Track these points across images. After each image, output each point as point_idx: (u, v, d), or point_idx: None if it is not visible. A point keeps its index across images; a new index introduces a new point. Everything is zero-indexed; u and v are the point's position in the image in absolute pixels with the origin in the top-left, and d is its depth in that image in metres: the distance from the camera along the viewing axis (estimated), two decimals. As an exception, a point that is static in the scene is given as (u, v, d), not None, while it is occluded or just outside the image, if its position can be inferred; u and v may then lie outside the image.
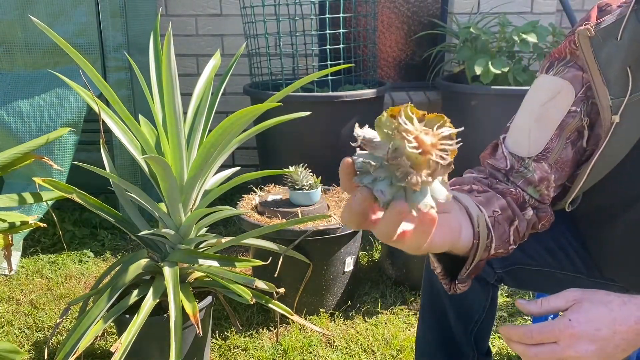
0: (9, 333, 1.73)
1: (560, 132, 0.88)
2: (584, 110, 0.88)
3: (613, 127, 0.84)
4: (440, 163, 0.48)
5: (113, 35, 2.28)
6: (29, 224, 1.22)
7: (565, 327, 0.70)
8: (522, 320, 1.82)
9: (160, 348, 1.39)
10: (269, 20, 2.35)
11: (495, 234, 0.80)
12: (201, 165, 1.34)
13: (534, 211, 0.91)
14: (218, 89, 1.50)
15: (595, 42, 0.85)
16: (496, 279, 1.10)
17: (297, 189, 1.79)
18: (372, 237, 2.32)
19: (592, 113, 0.89)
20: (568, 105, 0.88)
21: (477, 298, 1.13)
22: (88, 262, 2.19)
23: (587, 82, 0.87)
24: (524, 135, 0.91)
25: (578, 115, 0.88)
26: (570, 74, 0.89)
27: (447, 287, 0.81)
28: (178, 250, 1.43)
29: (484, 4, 2.82)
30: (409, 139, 0.47)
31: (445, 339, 1.19)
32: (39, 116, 2.15)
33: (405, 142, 0.47)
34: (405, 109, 0.49)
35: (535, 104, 0.91)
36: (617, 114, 0.83)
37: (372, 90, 2.35)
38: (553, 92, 0.89)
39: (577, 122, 0.88)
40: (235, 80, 2.86)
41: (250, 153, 3.03)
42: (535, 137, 0.90)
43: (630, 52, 0.82)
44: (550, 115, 0.89)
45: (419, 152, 0.47)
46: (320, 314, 1.83)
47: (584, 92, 0.88)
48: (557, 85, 0.89)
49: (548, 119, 0.89)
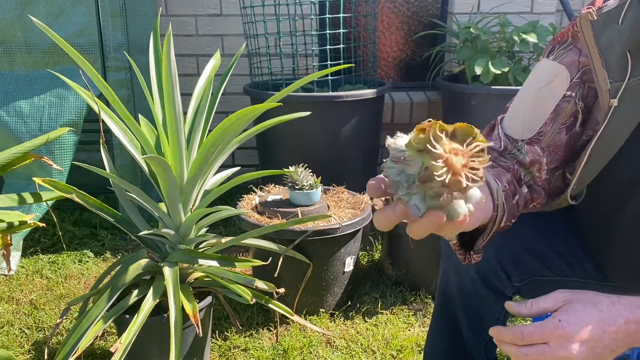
0: (9, 333, 1.73)
1: (555, 117, 0.90)
2: (579, 94, 0.89)
3: (611, 110, 0.85)
4: (470, 182, 0.49)
5: (113, 35, 2.28)
6: (28, 223, 1.22)
7: (555, 327, 0.70)
8: (521, 320, 1.82)
9: (160, 348, 1.39)
10: (269, 20, 2.35)
11: (507, 206, 0.82)
12: (201, 165, 1.34)
13: (528, 189, 0.92)
14: (218, 89, 1.50)
15: (596, 26, 0.85)
16: (513, 292, 1.10)
17: (297, 189, 1.79)
18: (372, 237, 2.32)
19: (588, 97, 0.90)
20: (563, 90, 0.89)
21: (490, 310, 1.13)
22: (88, 262, 2.19)
23: (583, 66, 0.88)
24: (520, 118, 0.92)
25: (573, 100, 0.89)
26: (568, 59, 0.90)
27: (462, 257, 0.84)
28: (178, 250, 1.43)
29: (484, 4, 2.82)
30: (438, 164, 0.48)
31: (455, 348, 1.18)
32: (39, 116, 2.15)
33: (435, 165, 0.48)
34: (433, 129, 0.49)
35: (532, 87, 0.92)
36: (615, 98, 0.84)
37: (372, 90, 2.35)
38: (550, 76, 0.90)
39: (571, 107, 0.90)
40: (235, 80, 2.86)
41: (250, 153, 3.03)
42: (530, 120, 0.91)
43: (631, 37, 0.82)
44: (545, 99, 0.90)
45: (450, 175, 0.48)
46: (320, 314, 1.83)
47: (580, 77, 0.89)
48: (554, 70, 0.90)
49: (543, 103, 0.90)
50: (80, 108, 2.17)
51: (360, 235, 1.87)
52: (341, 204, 1.91)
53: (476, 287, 1.09)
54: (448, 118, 2.71)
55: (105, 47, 2.28)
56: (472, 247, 0.83)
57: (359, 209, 1.86)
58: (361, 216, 1.79)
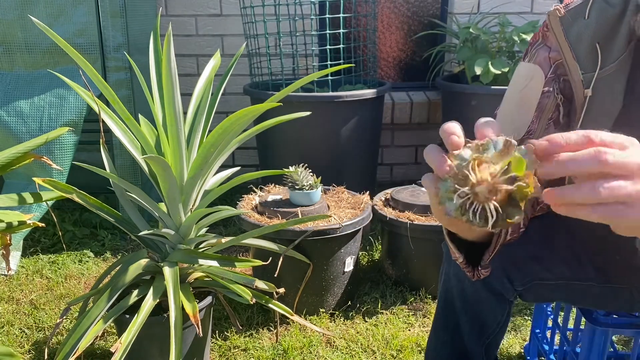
0: (9, 333, 1.73)
1: (539, 114, 0.94)
2: (556, 88, 0.93)
3: (587, 100, 0.89)
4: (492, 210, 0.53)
5: (113, 35, 2.28)
6: (28, 223, 1.22)
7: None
8: (521, 319, 1.82)
9: (160, 348, 1.39)
10: (269, 20, 2.35)
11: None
12: (201, 165, 1.34)
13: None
14: (218, 89, 1.50)
15: (565, 22, 0.90)
16: (515, 296, 1.10)
17: (297, 189, 1.79)
18: (372, 237, 2.32)
19: (566, 89, 0.94)
20: (541, 88, 0.94)
21: (492, 313, 1.13)
22: (88, 262, 2.19)
23: (554, 61, 0.93)
24: (508, 121, 0.96)
25: (552, 94, 0.93)
26: (540, 57, 0.95)
27: (471, 274, 0.85)
28: (178, 250, 1.43)
29: (484, 4, 2.82)
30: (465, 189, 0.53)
31: (457, 350, 1.18)
32: (39, 116, 2.15)
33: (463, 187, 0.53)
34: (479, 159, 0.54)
35: (515, 90, 0.97)
36: (589, 88, 0.88)
37: (372, 90, 2.35)
38: (528, 77, 0.95)
39: (552, 101, 0.94)
40: (235, 80, 2.86)
41: (250, 153, 3.03)
42: (518, 121, 0.95)
43: (598, 29, 0.87)
44: (528, 99, 0.94)
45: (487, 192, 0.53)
46: (320, 314, 1.83)
47: (554, 72, 0.94)
48: (530, 70, 0.95)
49: (527, 103, 0.94)
50: (80, 108, 2.17)
51: (360, 235, 1.87)
52: (341, 204, 1.91)
53: (477, 291, 1.09)
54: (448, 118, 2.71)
55: (105, 47, 2.28)
56: (479, 263, 0.84)
57: (359, 209, 1.86)
58: (361, 216, 1.79)
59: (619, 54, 0.87)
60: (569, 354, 1.39)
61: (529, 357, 1.60)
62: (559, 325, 1.46)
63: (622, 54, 0.87)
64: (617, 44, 0.87)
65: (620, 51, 0.87)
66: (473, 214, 0.54)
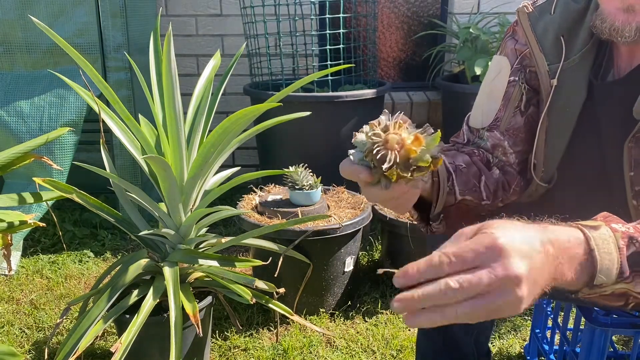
0: (9, 333, 1.73)
1: (506, 102, 1.02)
2: (522, 78, 1.01)
3: (552, 89, 0.96)
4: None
5: (113, 35, 2.28)
6: (28, 223, 1.22)
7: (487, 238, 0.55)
8: (521, 319, 1.82)
9: (160, 348, 1.39)
10: (269, 20, 2.35)
11: (457, 179, 0.93)
12: (201, 165, 1.34)
13: (501, 172, 1.02)
14: (218, 89, 1.50)
15: (532, 17, 0.98)
16: None
17: (297, 189, 1.79)
18: (372, 237, 2.33)
19: (531, 80, 1.01)
20: (507, 78, 1.02)
21: None
22: (88, 262, 2.19)
23: (520, 53, 1.02)
24: (479, 110, 1.06)
25: (517, 83, 1.01)
26: (507, 49, 1.04)
27: (425, 229, 0.95)
28: (178, 250, 1.43)
29: (484, 4, 2.82)
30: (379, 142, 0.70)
31: (446, 341, 1.19)
32: (39, 116, 2.15)
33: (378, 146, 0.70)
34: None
35: (487, 82, 1.06)
36: (555, 78, 0.95)
37: (372, 90, 2.35)
38: (497, 68, 1.04)
39: (518, 90, 1.01)
40: (235, 80, 2.86)
41: (250, 153, 3.03)
42: (487, 110, 1.04)
43: (562, 23, 0.95)
44: (497, 89, 1.03)
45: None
46: (320, 314, 1.83)
47: (520, 62, 1.02)
48: (500, 62, 1.04)
49: (495, 93, 1.03)
50: (81, 108, 2.17)
51: (360, 235, 1.87)
52: (341, 204, 1.91)
53: None
54: (448, 118, 2.71)
55: (105, 47, 2.28)
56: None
57: (359, 209, 1.86)
58: (361, 216, 1.79)
59: (582, 46, 0.93)
60: (568, 354, 1.39)
61: (528, 357, 1.61)
62: (559, 325, 1.46)
63: (585, 47, 0.93)
64: (581, 36, 0.93)
65: (583, 44, 0.93)
66: (375, 157, 0.67)
